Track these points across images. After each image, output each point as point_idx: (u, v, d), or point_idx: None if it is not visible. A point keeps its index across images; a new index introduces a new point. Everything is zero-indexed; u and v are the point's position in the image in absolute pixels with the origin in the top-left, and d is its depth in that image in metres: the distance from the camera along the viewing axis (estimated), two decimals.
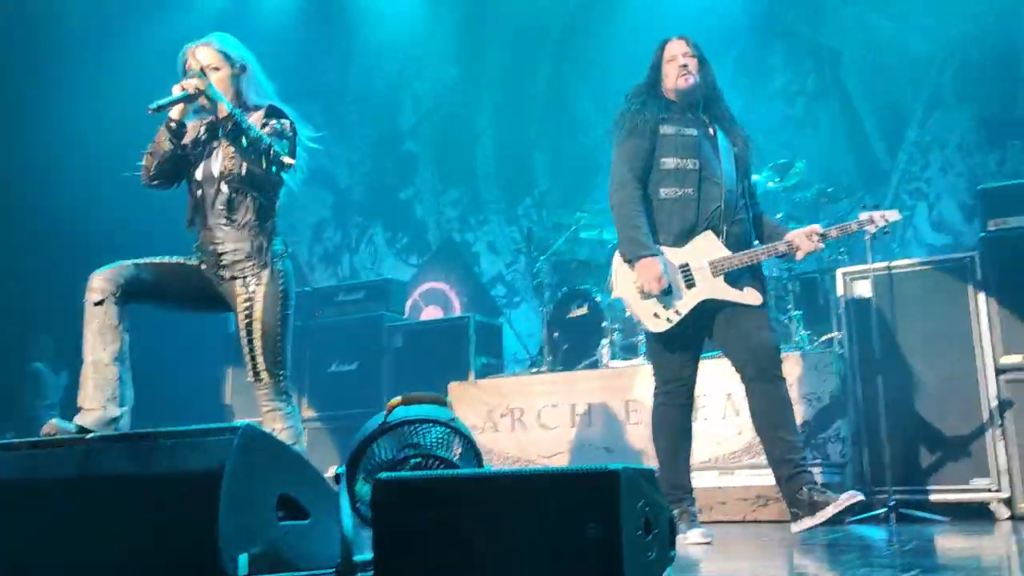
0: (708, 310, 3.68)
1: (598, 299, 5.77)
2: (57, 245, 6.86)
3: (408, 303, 7.55)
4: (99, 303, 3.57)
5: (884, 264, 4.95)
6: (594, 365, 5.52)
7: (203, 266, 3.74)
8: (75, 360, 3.67)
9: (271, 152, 3.47)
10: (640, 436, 4.94)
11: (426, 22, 8.37)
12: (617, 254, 3.87)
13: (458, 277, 8.08)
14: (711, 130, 3.80)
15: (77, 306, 3.60)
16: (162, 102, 3.52)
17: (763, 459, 4.57)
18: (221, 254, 3.65)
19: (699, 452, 4.71)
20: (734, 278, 3.64)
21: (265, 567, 2.53)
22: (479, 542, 1.99)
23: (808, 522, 3.38)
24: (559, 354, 5.75)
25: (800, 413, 4.62)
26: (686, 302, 3.62)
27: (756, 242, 3.89)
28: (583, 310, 5.76)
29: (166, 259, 3.71)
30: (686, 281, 3.63)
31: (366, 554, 2.25)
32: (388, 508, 2.13)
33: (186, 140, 3.66)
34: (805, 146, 6.58)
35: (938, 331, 4.62)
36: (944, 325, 4.61)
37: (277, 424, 3.56)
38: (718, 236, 3.66)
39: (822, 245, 3.76)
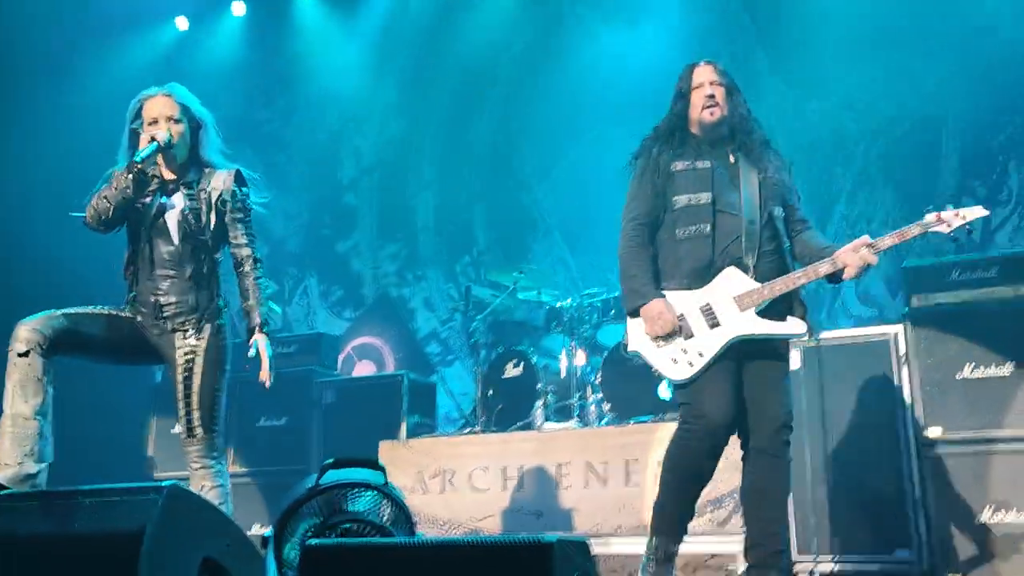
0: (740, 353, 3.31)
1: (533, 360, 5.78)
2: None
3: (340, 357, 7.48)
4: (23, 354, 3.50)
5: (823, 329, 5.12)
6: (527, 427, 5.51)
7: (138, 317, 3.70)
8: None
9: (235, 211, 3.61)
10: (571, 500, 4.96)
11: (371, 77, 8.42)
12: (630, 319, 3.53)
13: (393, 333, 8.04)
14: (732, 158, 3.47)
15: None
16: (144, 155, 3.54)
17: (695, 524, 4.61)
18: (163, 305, 3.63)
19: (630, 518, 4.76)
20: (769, 310, 3.29)
21: None
22: None
23: None
24: (492, 415, 5.73)
25: (731, 480, 4.67)
26: (711, 343, 3.27)
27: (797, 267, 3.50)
28: (518, 371, 5.76)
29: (98, 309, 3.65)
30: (709, 321, 3.30)
31: None
32: (318, 574, 2.12)
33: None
34: None
35: (863, 403, 4.68)
36: (869, 397, 4.67)
37: (206, 482, 3.49)
38: (744, 271, 3.31)
39: (874, 258, 3.23)
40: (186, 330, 3.65)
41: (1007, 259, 4.92)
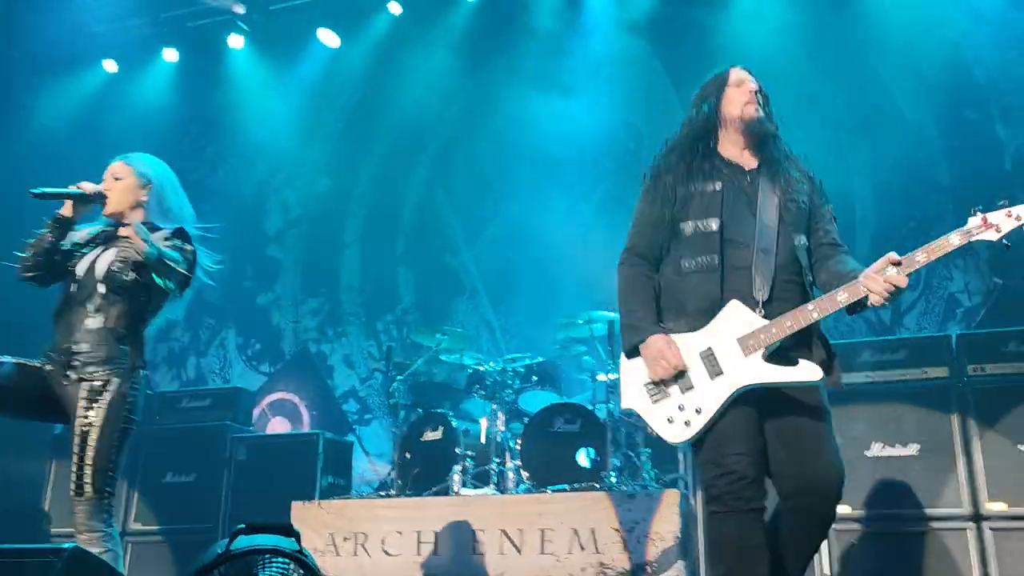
0: (753, 401, 2.84)
1: (453, 424, 5.75)
2: None
3: (255, 412, 7.36)
4: None
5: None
6: (444, 492, 5.46)
7: (48, 367, 3.62)
8: None
9: (159, 266, 3.50)
10: (486, 568, 4.94)
11: (302, 131, 8.43)
12: (622, 360, 3.09)
13: (310, 389, 7.95)
14: (749, 179, 3.04)
15: None
16: (47, 190, 3.58)
17: None
18: (75, 353, 3.55)
19: None
20: (782, 353, 2.83)
21: None
22: None
23: None
24: (409, 478, 5.68)
25: (642, 553, 4.70)
26: (712, 397, 2.82)
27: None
28: (437, 434, 5.73)
29: (8, 359, 3.58)
30: (710, 370, 2.85)
31: None
32: None
33: (78, 240, 3.67)
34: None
35: None
36: None
37: (94, 548, 3.26)
38: (752, 307, 2.85)
39: (904, 280, 2.69)
40: (93, 382, 3.56)
41: (916, 342, 5.15)
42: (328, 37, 8.19)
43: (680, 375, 2.87)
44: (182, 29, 8.48)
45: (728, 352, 2.83)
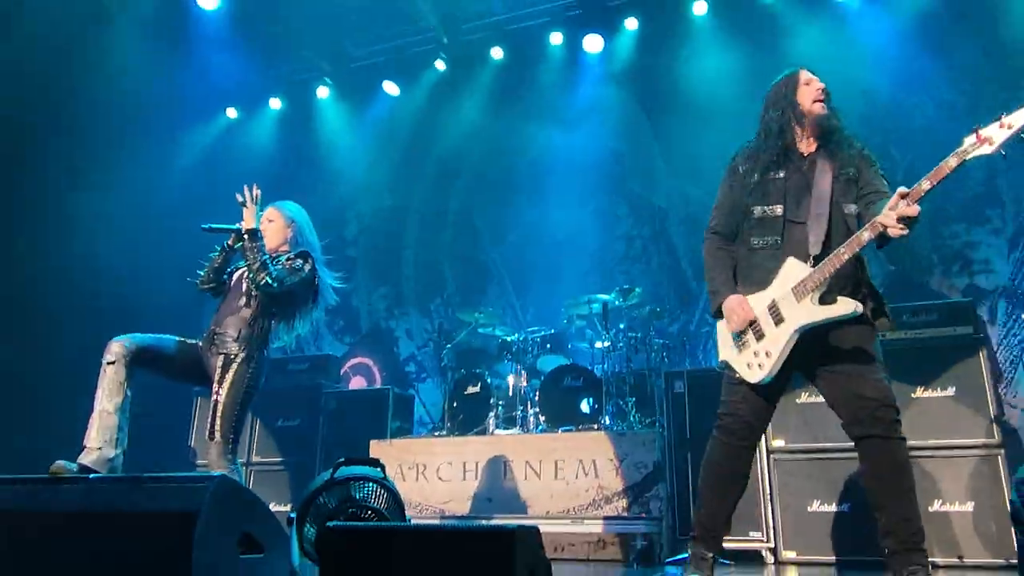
0: (807, 350, 2.72)
1: (488, 381, 5.78)
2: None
3: (341, 372, 7.43)
4: (111, 363, 3.52)
5: (694, 369, 5.23)
6: (482, 432, 5.50)
7: (201, 344, 3.74)
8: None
9: (258, 272, 3.55)
10: (514, 489, 4.97)
11: (371, 160, 8.42)
12: (718, 324, 2.97)
13: (381, 355, 7.97)
14: (807, 164, 2.85)
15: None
16: (215, 226, 3.78)
17: (605, 511, 4.74)
18: (217, 334, 3.66)
19: (558, 503, 4.80)
20: (828, 298, 2.66)
21: None
22: None
23: None
24: (456, 422, 5.72)
25: (631, 478, 4.74)
26: (776, 341, 2.70)
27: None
28: (476, 388, 5.76)
29: (173, 337, 3.73)
30: (775, 319, 2.72)
31: None
32: (333, 549, 2.12)
33: (217, 265, 3.84)
34: (641, 277, 6.85)
35: None
36: None
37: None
38: (805, 261, 2.70)
39: (914, 208, 2.44)
40: (227, 356, 3.66)
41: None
42: (391, 88, 8.19)
43: (754, 327, 2.78)
44: (284, 83, 8.48)
45: (786, 302, 2.70)
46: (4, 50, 6.28)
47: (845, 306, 2.61)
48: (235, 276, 3.88)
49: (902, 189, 2.49)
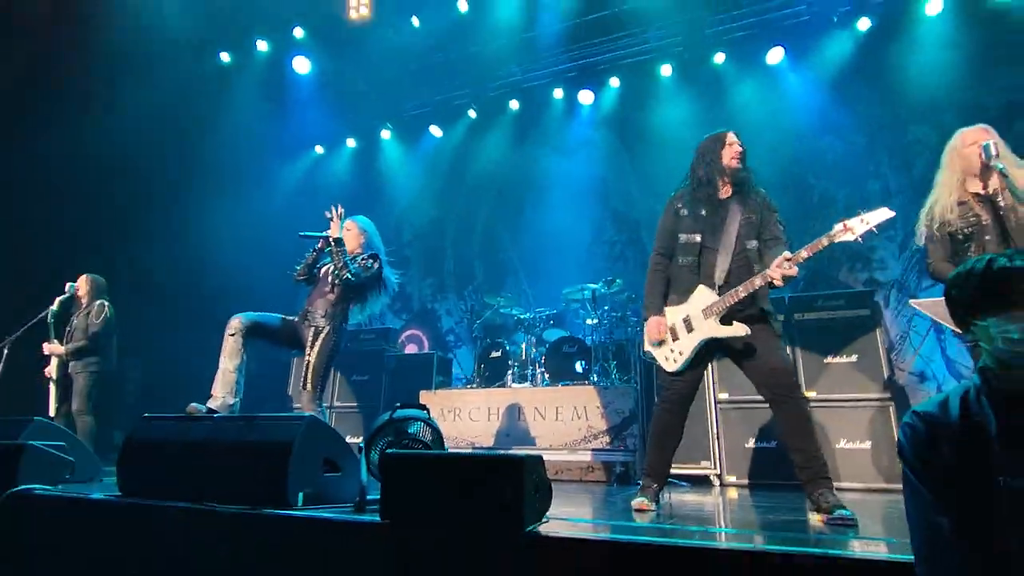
0: (715, 345, 2.77)
1: (507, 348, 5.75)
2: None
3: (399, 341, 7.49)
4: (232, 335, 3.54)
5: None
6: (503, 385, 5.49)
7: (297, 319, 3.75)
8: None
9: (341, 269, 3.56)
10: (526, 428, 4.96)
11: (421, 185, 8.40)
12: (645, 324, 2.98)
13: (427, 328, 7.96)
14: (724, 208, 2.83)
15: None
16: (309, 233, 3.82)
17: (593, 444, 4.73)
18: (310, 312, 3.68)
19: (558, 438, 4.78)
20: (728, 318, 2.70)
21: (313, 501, 2.50)
22: (442, 494, 1.99)
23: (819, 516, 2.45)
24: (483, 378, 5.71)
25: (612, 420, 4.70)
26: (688, 344, 2.77)
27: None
28: (498, 353, 5.75)
29: (277, 315, 3.77)
30: (687, 328, 2.78)
31: (375, 495, 2.26)
32: (391, 470, 2.14)
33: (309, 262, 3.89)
34: (621, 271, 6.77)
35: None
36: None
37: None
38: (711, 288, 2.74)
39: (794, 270, 2.52)
40: (316, 328, 3.67)
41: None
42: (435, 130, 8.13)
43: (672, 332, 2.83)
44: (357, 128, 8.46)
45: (697, 318, 2.76)
46: (149, 103, 6.33)
47: (737, 330, 2.67)
48: (323, 270, 3.90)
49: (787, 254, 2.55)
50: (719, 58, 6.77)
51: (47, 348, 4.91)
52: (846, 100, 6.33)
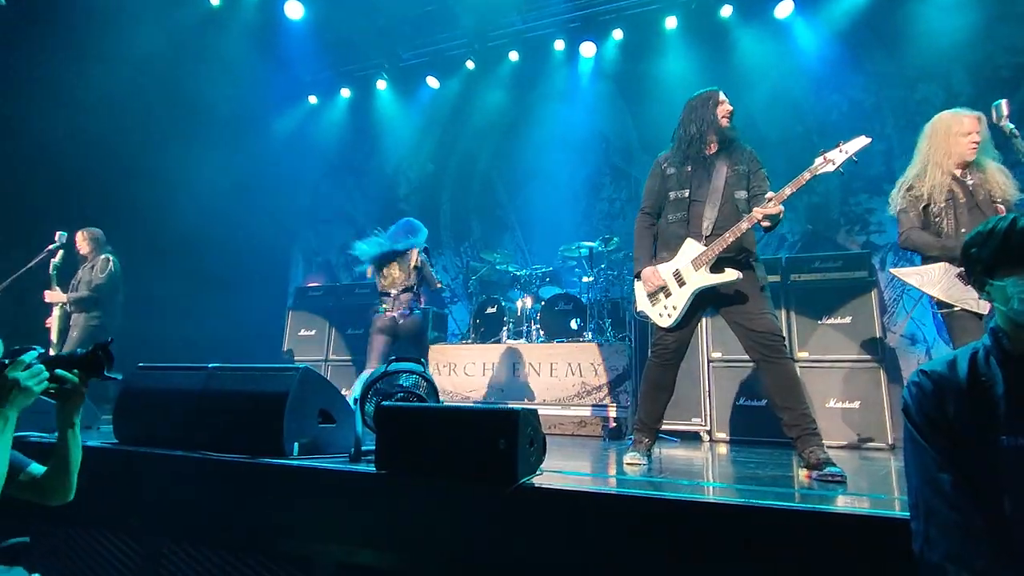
0: (708, 301, 2.78)
1: (503, 304, 5.74)
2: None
3: None
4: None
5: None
6: (498, 341, 5.51)
7: (386, 307, 3.84)
8: None
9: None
10: (521, 383, 5.00)
11: (417, 137, 8.21)
12: (635, 283, 2.98)
13: (424, 284, 7.91)
14: (710, 162, 2.83)
15: None
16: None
17: (587, 400, 4.78)
18: (384, 294, 4.20)
19: (552, 394, 4.85)
20: (717, 267, 2.71)
21: (309, 451, 2.53)
22: (437, 445, 2.01)
23: (809, 472, 2.46)
24: (478, 333, 5.72)
25: (606, 377, 4.76)
26: (680, 298, 2.76)
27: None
28: (494, 309, 5.74)
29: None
30: (679, 282, 2.78)
31: (370, 446, 2.28)
32: (386, 422, 2.15)
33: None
34: (619, 228, 6.72)
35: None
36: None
37: None
38: (697, 240, 2.75)
39: (777, 208, 2.56)
40: (403, 310, 4.20)
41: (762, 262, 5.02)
42: (432, 81, 7.92)
43: (663, 288, 2.82)
44: (352, 77, 8.24)
45: (687, 270, 2.75)
46: (136, 50, 6.12)
47: (729, 275, 2.67)
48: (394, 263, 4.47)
49: (770, 194, 2.58)
50: (726, 11, 6.57)
51: (48, 296, 4.87)
52: (855, 57, 6.17)
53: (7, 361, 1.47)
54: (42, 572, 1.66)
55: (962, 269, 2.71)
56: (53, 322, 4.88)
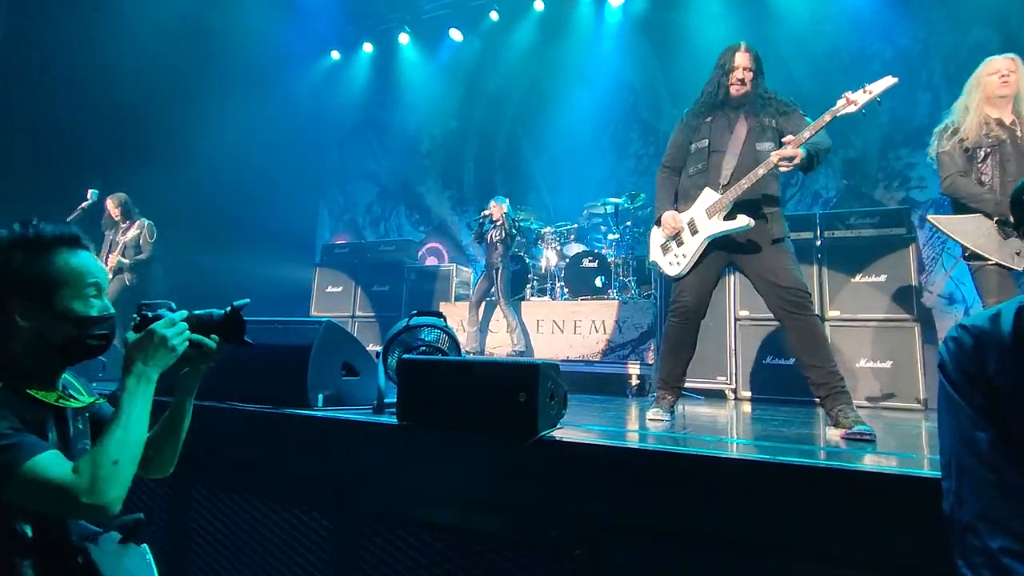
0: (725, 256, 2.71)
1: (527, 261, 5.69)
2: None
3: (418, 254, 7.47)
4: None
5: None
6: (522, 298, 5.50)
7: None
8: None
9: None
10: (544, 340, 5.00)
11: (441, 93, 8.08)
12: (652, 231, 2.94)
13: (447, 241, 7.90)
14: (733, 112, 2.76)
15: None
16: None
17: (610, 358, 4.75)
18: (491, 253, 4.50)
19: (576, 351, 4.86)
20: (731, 216, 2.64)
21: (333, 403, 2.56)
22: (459, 399, 2.00)
23: (839, 431, 2.35)
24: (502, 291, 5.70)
25: (630, 335, 4.72)
26: (691, 246, 2.71)
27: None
28: (518, 267, 5.68)
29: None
30: (691, 231, 2.73)
31: (392, 398, 2.29)
32: (407, 375, 2.15)
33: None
34: (646, 185, 6.56)
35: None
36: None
37: None
38: (715, 189, 2.69)
39: (794, 151, 2.45)
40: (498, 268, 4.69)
41: (794, 217, 4.83)
42: (456, 34, 7.76)
43: (677, 237, 2.78)
44: (374, 30, 8.13)
45: (701, 219, 2.71)
46: (163, 11, 6.09)
47: (740, 221, 2.60)
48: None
49: (789, 137, 2.52)
50: None
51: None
52: (900, 1, 5.81)
53: (149, 315, 1.32)
54: None
55: (996, 221, 2.64)
56: None
